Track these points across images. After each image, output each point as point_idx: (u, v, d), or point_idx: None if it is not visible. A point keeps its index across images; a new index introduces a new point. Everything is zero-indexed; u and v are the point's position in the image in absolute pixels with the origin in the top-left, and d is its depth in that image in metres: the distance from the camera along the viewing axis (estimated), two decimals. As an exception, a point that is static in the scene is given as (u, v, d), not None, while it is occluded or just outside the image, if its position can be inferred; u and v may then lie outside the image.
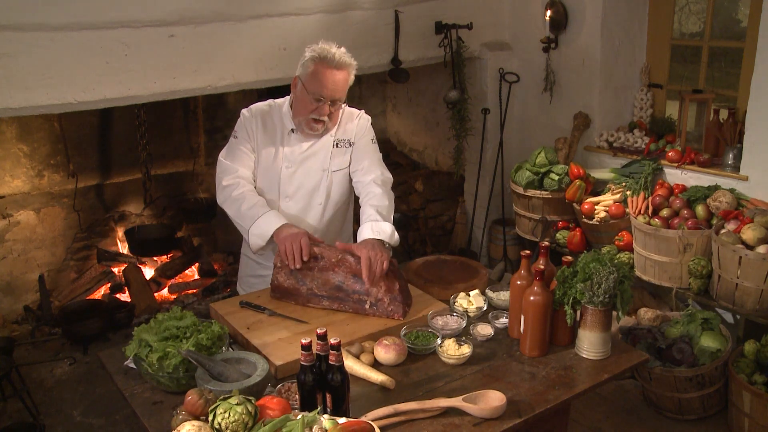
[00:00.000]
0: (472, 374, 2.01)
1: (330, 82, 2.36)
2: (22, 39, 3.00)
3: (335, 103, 2.42)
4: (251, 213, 2.42)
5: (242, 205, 2.44)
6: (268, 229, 2.37)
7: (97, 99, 3.26)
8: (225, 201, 2.49)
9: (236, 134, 2.55)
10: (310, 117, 2.42)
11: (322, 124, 2.46)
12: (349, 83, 2.43)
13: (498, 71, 4.67)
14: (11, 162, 4.15)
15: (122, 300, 4.38)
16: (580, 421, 3.34)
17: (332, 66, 2.36)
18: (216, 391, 1.76)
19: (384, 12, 4.09)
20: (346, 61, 2.39)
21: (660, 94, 4.39)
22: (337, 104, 2.43)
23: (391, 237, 2.38)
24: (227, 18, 3.50)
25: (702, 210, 3.59)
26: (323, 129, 2.49)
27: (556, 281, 2.13)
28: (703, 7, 4.20)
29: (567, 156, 4.35)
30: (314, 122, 2.44)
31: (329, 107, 2.41)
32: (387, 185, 2.55)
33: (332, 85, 2.36)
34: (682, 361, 3.23)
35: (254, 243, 2.42)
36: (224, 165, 2.52)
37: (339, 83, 2.37)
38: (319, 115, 2.41)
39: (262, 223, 2.39)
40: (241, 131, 2.53)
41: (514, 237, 4.80)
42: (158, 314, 2.05)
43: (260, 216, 2.40)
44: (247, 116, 2.54)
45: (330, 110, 2.42)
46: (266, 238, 2.39)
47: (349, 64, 2.40)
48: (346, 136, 2.57)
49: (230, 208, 2.48)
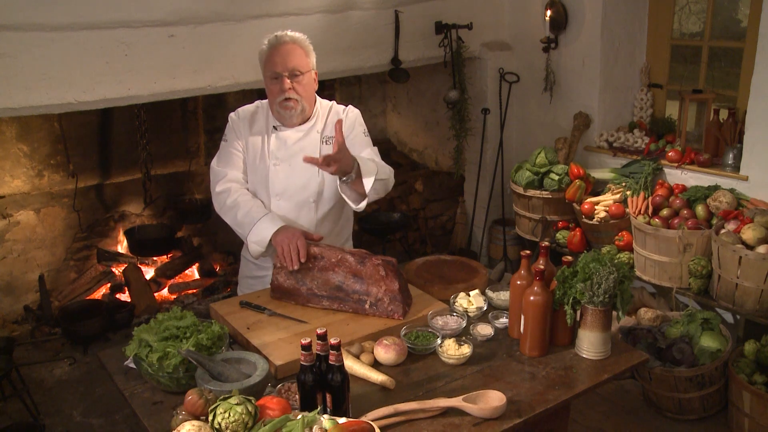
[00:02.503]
0: (472, 374, 2.01)
1: (277, 55, 2.40)
2: (22, 39, 3.00)
3: (295, 77, 2.41)
4: (247, 220, 2.42)
5: (237, 213, 2.45)
6: (266, 235, 2.38)
7: (97, 99, 3.26)
8: (221, 210, 2.51)
9: (225, 137, 2.59)
10: (278, 100, 2.44)
11: (295, 102, 2.44)
12: (306, 56, 2.44)
13: (498, 71, 4.67)
14: (11, 162, 4.15)
15: (122, 300, 4.38)
16: (580, 421, 3.34)
17: (276, 44, 2.42)
18: (216, 391, 1.76)
19: (384, 12, 4.09)
20: (292, 36, 2.43)
21: (660, 94, 4.39)
22: (297, 77, 2.42)
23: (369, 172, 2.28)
24: (227, 18, 3.50)
25: (702, 210, 3.59)
26: (300, 108, 2.47)
27: (556, 281, 2.13)
28: (703, 7, 4.20)
29: (567, 156, 4.36)
30: (285, 102, 2.44)
31: (289, 81, 2.41)
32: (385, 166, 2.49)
33: (281, 58, 2.39)
34: (682, 361, 3.23)
35: (254, 250, 2.44)
36: (215, 171, 2.56)
37: (288, 54, 2.40)
38: (283, 93, 2.41)
39: (258, 229, 2.40)
40: (230, 134, 2.57)
41: (514, 237, 4.80)
42: (158, 314, 2.05)
43: (256, 223, 2.40)
44: (234, 119, 2.58)
45: (292, 85, 2.41)
46: (265, 244, 2.39)
47: (295, 38, 2.43)
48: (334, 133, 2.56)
49: (227, 216, 2.50)
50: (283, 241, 2.32)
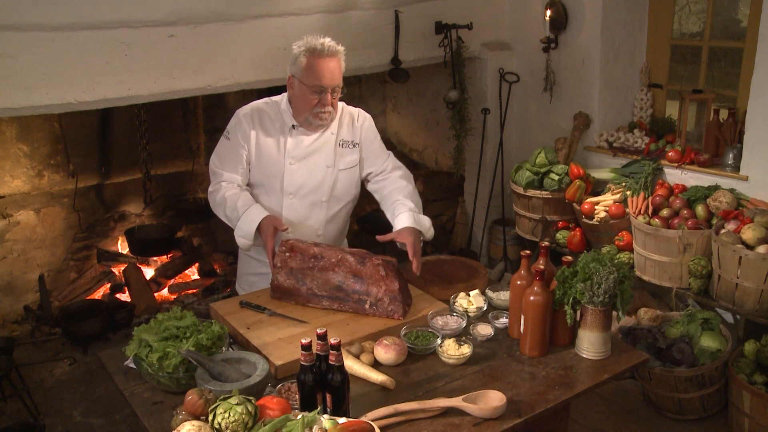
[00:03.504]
0: (472, 374, 2.01)
1: (326, 71, 2.39)
2: (22, 39, 3.00)
3: (335, 90, 2.46)
4: (233, 215, 2.44)
5: (225, 209, 2.47)
6: (250, 229, 2.40)
7: (97, 99, 3.26)
8: (214, 208, 2.54)
9: (228, 135, 2.53)
10: (315, 111, 2.44)
11: (329, 114, 2.48)
12: (342, 70, 2.47)
13: (498, 71, 4.67)
14: (11, 162, 4.15)
15: (122, 300, 4.38)
16: (580, 421, 3.34)
17: (324, 55, 2.39)
18: (216, 391, 1.76)
19: (384, 12, 4.09)
20: (335, 48, 2.44)
21: (660, 94, 4.39)
22: (336, 91, 2.47)
23: (428, 231, 2.50)
24: (227, 18, 3.50)
25: (702, 210, 3.59)
26: (330, 118, 2.51)
27: (556, 281, 2.13)
28: (703, 7, 4.20)
29: (567, 156, 4.36)
30: (321, 113, 2.46)
31: (331, 96, 2.44)
32: (412, 181, 2.68)
33: (329, 73, 2.40)
34: (682, 361, 3.23)
35: (242, 244, 2.45)
36: (212, 170, 2.57)
37: (335, 70, 2.41)
38: (323, 108, 2.44)
39: (243, 224, 2.41)
40: (235, 133, 2.51)
41: (514, 237, 4.80)
42: (158, 314, 2.05)
43: (240, 217, 2.41)
44: (243, 117, 2.51)
45: (332, 99, 2.46)
46: (251, 236, 2.41)
47: (338, 51, 2.45)
48: (350, 137, 2.60)
49: (218, 213, 2.52)
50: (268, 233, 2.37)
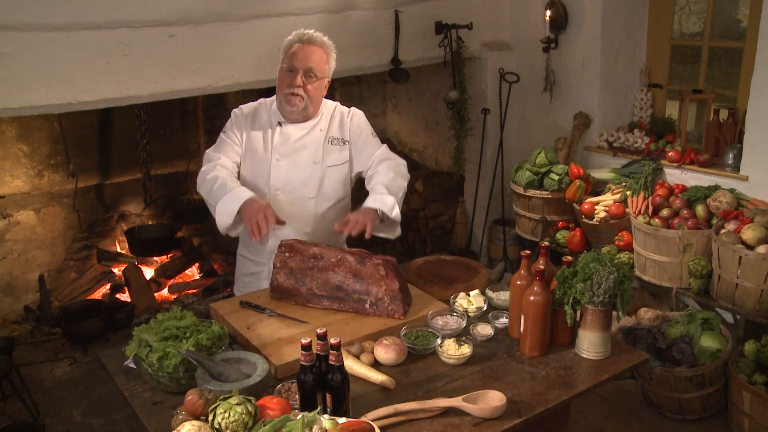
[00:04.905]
0: (472, 374, 2.01)
1: (300, 52, 2.44)
2: (22, 39, 3.00)
3: (310, 78, 2.46)
4: (220, 191, 2.42)
5: (214, 185, 2.45)
6: (234, 206, 2.36)
7: (97, 99, 3.27)
8: (201, 185, 2.52)
9: (225, 131, 2.63)
10: (285, 92, 2.47)
11: (300, 99, 2.48)
12: (326, 62, 2.49)
13: (498, 71, 4.67)
14: (11, 162, 4.15)
15: (122, 300, 4.38)
16: (580, 421, 3.34)
17: (304, 41, 2.47)
18: (216, 391, 1.76)
19: (384, 12, 4.09)
20: (321, 39, 2.48)
21: (660, 94, 4.39)
22: (312, 79, 2.46)
23: (392, 210, 2.42)
24: (227, 18, 3.50)
25: (702, 210, 3.59)
26: (302, 106, 2.50)
27: (556, 281, 2.13)
28: (703, 7, 4.20)
29: (567, 156, 4.36)
30: (291, 96, 2.47)
31: (302, 79, 2.45)
32: (400, 168, 2.61)
33: (302, 55, 2.44)
34: (682, 361, 3.23)
35: (221, 221, 2.40)
36: (208, 155, 2.59)
37: (311, 55, 2.45)
38: (292, 88, 2.45)
39: (229, 199, 2.39)
40: (231, 127, 2.62)
41: (514, 237, 4.80)
42: (158, 314, 2.05)
43: (227, 192, 2.40)
44: (237, 114, 2.63)
45: (303, 82, 2.45)
46: (233, 214, 2.37)
47: (324, 42, 2.48)
48: (340, 135, 2.62)
49: (203, 189, 2.50)
50: (252, 214, 2.31)
